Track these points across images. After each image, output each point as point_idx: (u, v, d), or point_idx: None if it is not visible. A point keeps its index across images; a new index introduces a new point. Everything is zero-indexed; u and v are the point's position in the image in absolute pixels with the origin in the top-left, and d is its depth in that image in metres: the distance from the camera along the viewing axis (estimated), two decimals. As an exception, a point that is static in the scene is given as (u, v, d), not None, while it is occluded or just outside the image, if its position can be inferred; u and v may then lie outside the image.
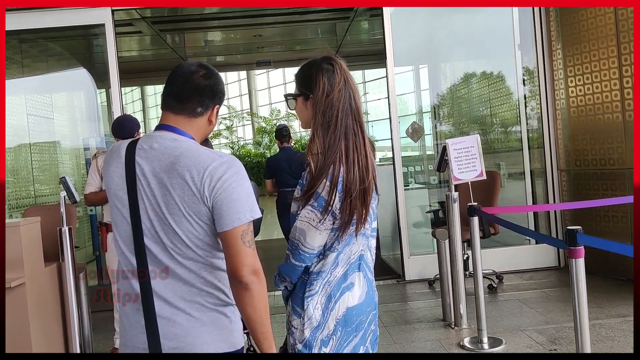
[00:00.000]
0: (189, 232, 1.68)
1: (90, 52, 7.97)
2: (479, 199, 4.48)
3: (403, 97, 8.29)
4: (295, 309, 2.00)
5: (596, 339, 3.98)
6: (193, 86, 1.76)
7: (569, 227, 2.76)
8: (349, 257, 1.99)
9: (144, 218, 1.69)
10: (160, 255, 1.70)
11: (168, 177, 1.67)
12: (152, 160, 1.70)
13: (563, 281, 5.64)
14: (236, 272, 1.65)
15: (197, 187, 1.65)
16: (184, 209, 1.67)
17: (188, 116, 1.77)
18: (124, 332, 1.78)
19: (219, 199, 1.65)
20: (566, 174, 6.11)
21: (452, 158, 4.30)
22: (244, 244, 1.66)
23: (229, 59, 10.91)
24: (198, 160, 1.68)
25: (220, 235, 1.68)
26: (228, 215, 1.65)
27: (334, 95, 1.97)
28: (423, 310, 5.12)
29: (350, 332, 2.01)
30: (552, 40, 6.12)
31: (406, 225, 6.17)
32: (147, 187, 1.69)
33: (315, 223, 1.91)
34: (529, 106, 6.63)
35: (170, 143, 1.72)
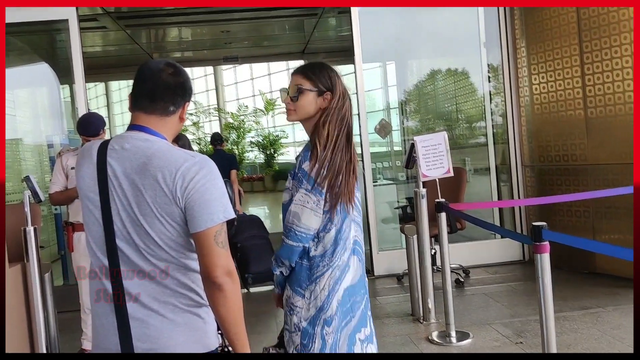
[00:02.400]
0: (161, 233, 1.67)
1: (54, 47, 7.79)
2: (445, 195, 4.55)
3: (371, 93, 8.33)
4: (297, 291, 2.19)
5: (560, 331, 4.08)
6: (164, 85, 1.75)
7: (534, 223, 2.82)
8: (348, 242, 2.22)
9: (115, 219, 1.68)
10: (133, 257, 1.69)
11: (140, 178, 1.66)
12: (123, 160, 1.69)
13: (528, 275, 5.76)
14: (210, 274, 1.65)
15: (169, 188, 1.65)
16: (156, 210, 1.66)
17: (160, 115, 1.76)
18: (95, 333, 1.77)
19: (191, 200, 1.65)
20: (530, 170, 6.24)
21: (420, 155, 4.35)
22: (217, 244, 1.66)
23: (196, 55, 10.82)
24: (170, 161, 1.67)
25: (193, 237, 1.68)
26: (200, 216, 1.65)
27: (347, 100, 2.27)
28: (392, 305, 5.18)
29: (347, 312, 2.21)
30: (517, 38, 6.23)
31: (375, 221, 6.22)
32: (119, 188, 1.68)
33: (310, 205, 2.12)
34: (493, 102, 6.74)
35: (142, 143, 1.71)
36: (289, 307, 2.22)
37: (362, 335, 2.28)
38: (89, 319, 4.24)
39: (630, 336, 3.97)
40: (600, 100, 5.36)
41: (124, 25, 7.73)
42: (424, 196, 4.49)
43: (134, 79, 1.79)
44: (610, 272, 5.31)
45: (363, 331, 2.28)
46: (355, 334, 2.24)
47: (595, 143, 5.45)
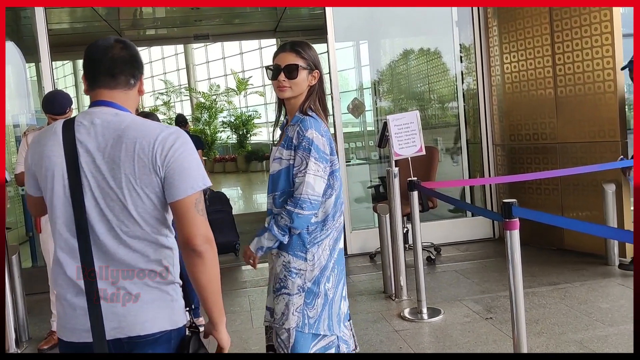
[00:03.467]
0: (138, 207, 1.67)
1: (18, 24, 7.57)
2: (418, 174, 4.58)
3: (344, 73, 8.30)
4: (298, 255, 2.36)
5: (529, 307, 4.16)
6: (121, 59, 1.74)
7: (505, 200, 2.86)
8: (343, 206, 2.46)
9: (87, 197, 1.66)
10: (104, 236, 1.67)
11: (116, 151, 1.65)
12: (95, 136, 1.68)
13: (498, 252, 5.85)
14: (191, 241, 1.67)
15: (148, 158, 1.65)
16: (134, 182, 1.65)
17: (123, 89, 1.76)
18: (63, 314, 1.73)
19: (171, 168, 1.66)
20: (501, 149, 6.30)
21: (393, 134, 4.36)
22: (198, 212, 1.68)
23: (166, 32, 10.61)
24: (146, 131, 1.68)
25: (172, 205, 1.69)
26: (181, 183, 1.67)
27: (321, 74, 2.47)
28: (365, 283, 5.22)
29: (342, 270, 2.47)
30: (489, 17, 6.25)
31: (348, 200, 6.23)
32: (92, 164, 1.66)
33: (321, 173, 2.31)
34: (465, 82, 6.78)
35: (113, 118, 1.70)
36: (290, 271, 2.37)
37: (345, 292, 2.53)
38: (58, 301, 4.18)
39: (596, 311, 4.07)
40: (570, 80, 5.42)
41: (91, 1, 7.54)
42: (396, 175, 4.51)
43: (85, 60, 1.76)
44: (577, 249, 5.42)
45: (344, 289, 2.54)
46: (343, 291, 2.52)
47: (565, 122, 5.53)
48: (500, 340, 3.74)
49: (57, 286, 1.74)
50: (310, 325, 2.36)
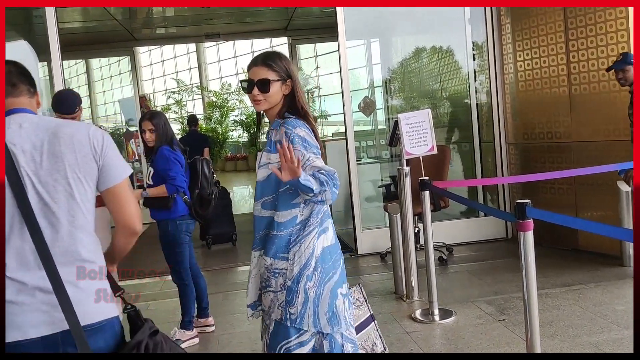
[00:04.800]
0: (82, 195, 1.81)
1: (30, 23, 7.60)
2: (429, 173, 4.53)
3: (355, 71, 8.25)
4: (279, 257, 2.41)
5: (543, 308, 4.09)
6: (17, 71, 1.91)
7: (518, 201, 2.80)
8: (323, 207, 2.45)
9: (31, 194, 1.74)
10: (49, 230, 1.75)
11: (55, 146, 1.77)
12: (28, 136, 1.78)
13: (510, 252, 5.78)
14: (131, 224, 1.93)
15: (87, 148, 1.81)
16: (77, 171, 1.79)
17: (27, 96, 1.91)
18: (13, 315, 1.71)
19: (107, 156, 1.85)
20: (514, 147, 6.23)
21: (404, 133, 4.31)
22: (132, 194, 1.95)
23: (177, 31, 10.61)
24: (78, 127, 1.86)
25: (110, 191, 1.88)
26: (116, 169, 1.87)
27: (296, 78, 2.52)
28: (375, 283, 5.17)
29: (329, 268, 2.44)
30: (502, 15, 6.17)
31: (359, 199, 6.18)
32: (31, 162, 1.75)
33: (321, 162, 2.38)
34: (478, 80, 6.70)
35: (38, 120, 1.84)
36: (272, 273, 2.43)
37: (344, 290, 2.50)
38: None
39: (611, 313, 4.00)
40: (585, 78, 5.34)
41: (102, 0, 7.54)
42: (407, 174, 4.46)
43: None
44: (592, 249, 5.34)
45: (344, 287, 2.51)
46: (337, 289, 2.45)
47: (579, 120, 5.44)
48: (513, 342, 3.68)
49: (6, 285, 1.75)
50: (292, 320, 2.41)
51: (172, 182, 3.90)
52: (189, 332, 4.10)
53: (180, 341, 4.02)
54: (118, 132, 11.91)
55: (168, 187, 3.91)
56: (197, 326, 4.21)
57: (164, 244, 4.08)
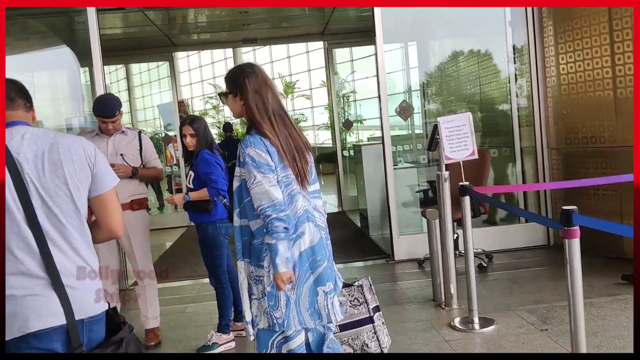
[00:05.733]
0: (78, 200, 1.99)
1: (73, 29, 7.77)
2: (468, 178, 4.43)
3: (391, 75, 8.19)
4: (258, 264, 2.59)
5: (587, 318, 3.95)
6: (15, 87, 2.10)
7: (564, 207, 2.71)
8: (296, 213, 2.57)
9: (34, 198, 1.92)
10: (51, 230, 1.93)
11: (54, 155, 1.97)
12: (30, 146, 1.97)
13: (553, 260, 5.64)
14: (115, 230, 2.11)
15: (83, 157, 2.02)
16: (76, 177, 1.98)
17: (24, 110, 2.10)
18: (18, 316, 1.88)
19: (99, 165, 2.06)
20: (557, 152, 6.07)
21: (444, 137, 4.23)
22: (118, 201, 2.13)
23: (215, 37, 10.70)
24: (72, 139, 2.07)
25: (100, 197, 2.06)
26: (107, 177, 2.08)
27: (262, 92, 2.60)
28: (413, 290, 5.09)
29: (306, 270, 2.58)
30: (543, 17, 6.04)
31: (395, 204, 6.12)
32: (34, 169, 1.94)
33: (272, 182, 2.50)
34: (518, 84, 6.57)
35: (36, 131, 2.03)
36: (254, 280, 2.62)
37: (327, 288, 2.63)
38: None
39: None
40: (631, 80, 5.17)
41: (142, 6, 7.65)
42: (446, 179, 4.38)
43: None
44: (638, 258, 5.15)
45: (328, 284, 2.64)
46: (317, 287, 2.61)
47: (625, 124, 5.27)
48: (556, 352, 3.56)
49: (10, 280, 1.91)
50: (280, 324, 2.57)
51: (214, 186, 3.92)
52: (226, 336, 4.10)
53: (217, 345, 4.02)
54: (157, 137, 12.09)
55: (210, 190, 3.93)
56: (233, 330, 4.21)
57: (203, 247, 4.09)
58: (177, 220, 9.51)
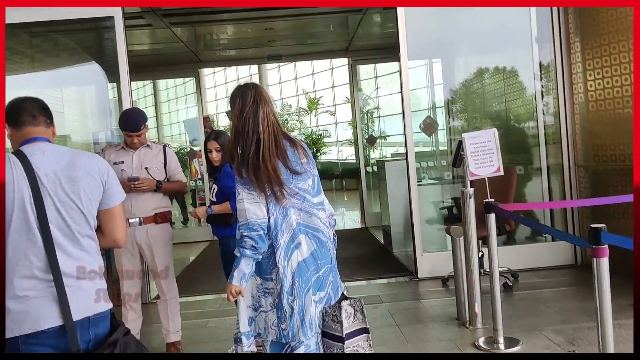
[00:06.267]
0: (90, 214, 2.21)
1: (102, 45, 7.91)
2: (493, 195, 4.36)
3: (416, 91, 8.17)
4: (266, 277, 2.72)
5: (616, 340, 3.82)
6: (37, 105, 2.31)
7: (593, 225, 2.66)
8: (290, 226, 2.68)
9: (50, 209, 2.12)
10: (62, 239, 2.13)
11: (73, 172, 2.18)
12: (50, 162, 2.17)
13: (580, 280, 5.52)
14: (119, 241, 2.34)
15: (97, 175, 2.24)
16: (90, 193, 2.20)
17: (44, 126, 2.31)
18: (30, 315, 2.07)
19: (109, 182, 2.27)
20: (584, 170, 5.97)
21: (469, 153, 4.18)
22: (123, 216, 2.36)
23: (240, 53, 10.81)
24: (89, 157, 2.29)
25: (108, 211, 2.29)
26: (116, 193, 2.31)
27: (246, 112, 2.71)
28: (436, 308, 5.02)
29: (307, 280, 2.69)
30: (570, 33, 5.98)
31: (419, 221, 6.05)
32: (53, 184, 2.14)
33: (250, 199, 2.64)
34: (545, 101, 6.49)
35: (57, 148, 2.25)
36: (262, 292, 2.75)
37: (317, 297, 2.72)
38: (129, 315, 4.24)
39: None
40: (661, 97, 5.07)
41: (169, 23, 7.77)
42: (471, 196, 4.32)
43: (8, 111, 2.29)
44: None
45: (318, 294, 2.73)
46: (311, 297, 2.71)
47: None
48: (584, 375, 3.47)
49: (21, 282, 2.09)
50: (285, 336, 2.67)
51: None
52: None
53: None
54: (182, 152, 12.21)
55: (232, 204, 3.93)
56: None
57: (224, 261, 4.09)
58: (200, 234, 9.56)
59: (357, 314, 2.91)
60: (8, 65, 6.77)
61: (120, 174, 4.17)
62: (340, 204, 14.88)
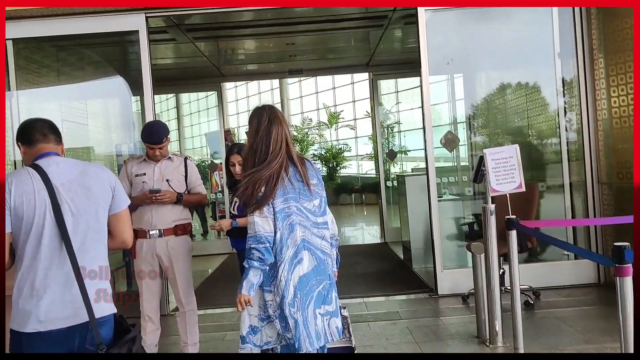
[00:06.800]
0: (103, 217, 2.49)
1: (126, 59, 8.03)
2: (515, 212, 4.32)
3: (436, 106, 8.14)
4: (266, 290, 2.89)
5: (641, 362, 3.76)
6: (47, 125, 2.60)
7: (617, 244, 2.61)
8: (295, 241, 2.86)
9: (67, 215, 2.37)
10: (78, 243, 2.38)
11: (86, 180, 2.46)
12: (64, 173, 2.45)
13: (603, 299, 5.42)
14: (127, 241, 2.61)
15: (107, 183, 2.53)
16: (102, 199, 2.49)
17: (54, 143, 2.58)
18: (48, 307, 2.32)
19: (118, 189, 2.57)
20: (607, 187, 5.89)
21: (490, 169, 4.15)
22: (130, 218, 2.65)
23: (262, 67, 10.90)
24: (98, 167, 2.60)
25: (117, 215, 2.55)
26: (123, 198, 2.60)
27: (261, 132, 2.97)
28: (456, 326, 4.96)
29: (307, 293, 2.86)
30: (594, 49, 5.92)
31: (439, 237, 6.01)
32: (69, 192, 2.41)
33: (259, 213, 2.83)
34: (568, 117, 6.42)
35: (67, 160, 2.55)
36: (266, 303, 2.91)
37: (322, 310, 2.91)
38: (148, 326, 4.26)
39: None
40: (687, 114, 4.99)
41: (193, 37, 7.86)
42: (493, 212, 4.28)
43: (21, 130, 2.58)
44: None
45: (323, 307, 2.91)
46: (315, 310, 2.88)
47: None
48: (608, 397, 3.40)
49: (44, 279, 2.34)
50: (291, 345, 2.84)
51: None
52: None
53: None
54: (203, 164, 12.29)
55: None
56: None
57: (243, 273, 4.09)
58: (219, 247, 9.59)
59: (344, 331, 3.15)
60: (35, 78, 6.91)
61: (142, 186, 4.21)
62: (360, 218, 14.83)
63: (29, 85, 6.70)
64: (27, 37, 6.09)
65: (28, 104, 6.66)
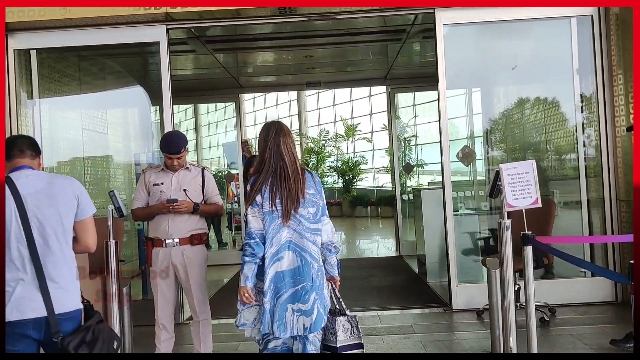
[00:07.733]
0: (68, 224, 2.78)
1: (147, 70, 8.14)
2: (531, 228, 4.29)
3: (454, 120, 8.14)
4: (260, 279, 3.30)
5: (658, 382, 3.71)
6: (27, 142, 2.93)
7: (632, 261, 2.58)
8: (279, 241, 3.26)
9: (33, 222, 2.67)
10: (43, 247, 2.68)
11: (52, 191, 2.75)
12: (32, 184, 2.75)
13: (620, 317, 5.35)
14: (90, 246, 2.90)
15: (72, 193, 2.80)
16: (67, 208, 2.77)
17: (30, 158, 2.89)
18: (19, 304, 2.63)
19: (82, 198, 2.84)
20: (626, 205, 5.83)
21: (506, 184, 4.13)
22: (94, 226, 2.91)
23: (280, 80, 10.98)
24: (64, 179, 2.86)
25: (82, 222, 2.84)
26: (88, 206, 2.86)
27: (269, 143, 3.38)
28: (470, 341, 4.93)
29: (280, 287, 3.24)
30: (613, 65, 5.89)
31: (455, 251, 5.98)
32: (35, 201, 2.71)
33: (251, 213, 3.31)
34: (586, 133, 6.38)
35: (37, 172, 2.85)
36: (259, 291, 3.30)
37: (295, 307, 3.23)
38: (162, 334, 4.29)
39: None
40: None
41: (212, 49, 7.95)
42: (508, 227, 4.25)
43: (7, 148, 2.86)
44: None
45: (297, 304, 3.23)
46: (287, 304, 3.22)
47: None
48: (624, 418, 3.35)
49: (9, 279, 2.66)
50: (262, 329, 3.27)
51: None
52: None
53: None
54: (220, 175, 12.38)
55: None
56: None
57: None
58: (235, 256, 9.62)
59: (353, 329, 3.43)
60: (57, 87, 7.03)
61: (159, 195, 4.26)
62: (375, 231, 14.80)
63: (51, 93, 6.83)
64: (50, 47, 6.22)
65: (50, 112, 6.78)
